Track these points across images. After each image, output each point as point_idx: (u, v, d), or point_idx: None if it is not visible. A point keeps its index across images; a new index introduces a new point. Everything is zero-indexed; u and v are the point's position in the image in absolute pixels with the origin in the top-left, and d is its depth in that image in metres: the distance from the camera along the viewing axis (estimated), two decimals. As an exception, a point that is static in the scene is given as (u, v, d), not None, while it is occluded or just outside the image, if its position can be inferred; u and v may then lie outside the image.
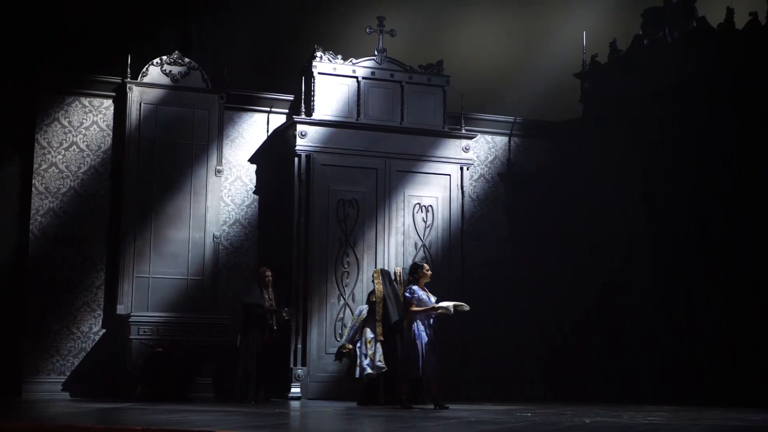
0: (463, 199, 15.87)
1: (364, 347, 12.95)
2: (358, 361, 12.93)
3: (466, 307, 12.13)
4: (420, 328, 12.06)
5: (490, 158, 16.69)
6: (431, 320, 12.18)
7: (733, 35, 14.68)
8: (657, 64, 15.55)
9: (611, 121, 16.13)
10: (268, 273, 13.98)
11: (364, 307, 13.33)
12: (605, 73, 16.34)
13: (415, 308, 12.12)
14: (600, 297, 15.82)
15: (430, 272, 12.44)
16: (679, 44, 15.37)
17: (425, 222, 15.65)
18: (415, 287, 12.23)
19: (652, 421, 10.13)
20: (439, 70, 15.98)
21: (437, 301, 12.25)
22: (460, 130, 16.02)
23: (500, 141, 16.79)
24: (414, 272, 12.38)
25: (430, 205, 15.70)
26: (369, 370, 12.83)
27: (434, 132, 15.82)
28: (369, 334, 12.98)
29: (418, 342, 12.00)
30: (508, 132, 16.81)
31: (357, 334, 13.09)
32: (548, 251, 16.52)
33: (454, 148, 15.89)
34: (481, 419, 10.16)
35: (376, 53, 15.75)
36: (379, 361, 12.84)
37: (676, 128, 15.22)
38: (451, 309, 12.07)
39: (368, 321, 13.09)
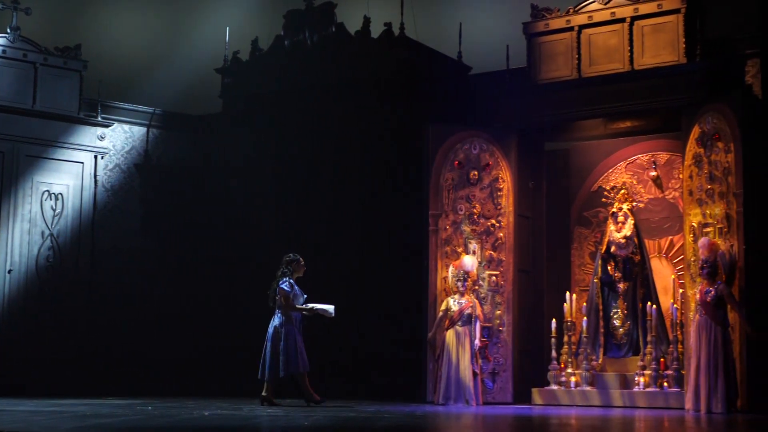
0: (96, 188, 15.49)
1: None
2: None
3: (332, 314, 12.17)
4: (296, 324, 11.97)
5: (127, 148, 16.32)
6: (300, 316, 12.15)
7: (369, 43, 15.30)
8: (297, 65, 15.88)
9: (248, 119, 16.30)
10: None
11: None
12: (246, 70, 16.46)
13: (298, 307, 11.99)
14: (211, 290, 16.06)
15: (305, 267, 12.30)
16: (319, 47, 15.79)
17: (54, 210, 15.08)
18: (292, 281, 12.07)
19: (271, 413, 10.35)
20: (77, 54, 15.45)
21: (307, 299, 12.10)
22: (96, 117, 15.59)
23: (138, 131, 16.47)
24: (290, 265, 12.17)
25: (61, 193, 15.15)
26: None
27: (68, 118, 15.28)
28: None
29: (296, 337, 11.88)
30: (147, 123, 16.53)
31: None
32: (182, 243, 16.43)
33: (89, 135, 15.44)
34: (98, 413, 9.90)
35: (8, 31, 14.99)
36: None
37: (310, 129, 15.64)
38: (331, 312, 12.02)
39: None
